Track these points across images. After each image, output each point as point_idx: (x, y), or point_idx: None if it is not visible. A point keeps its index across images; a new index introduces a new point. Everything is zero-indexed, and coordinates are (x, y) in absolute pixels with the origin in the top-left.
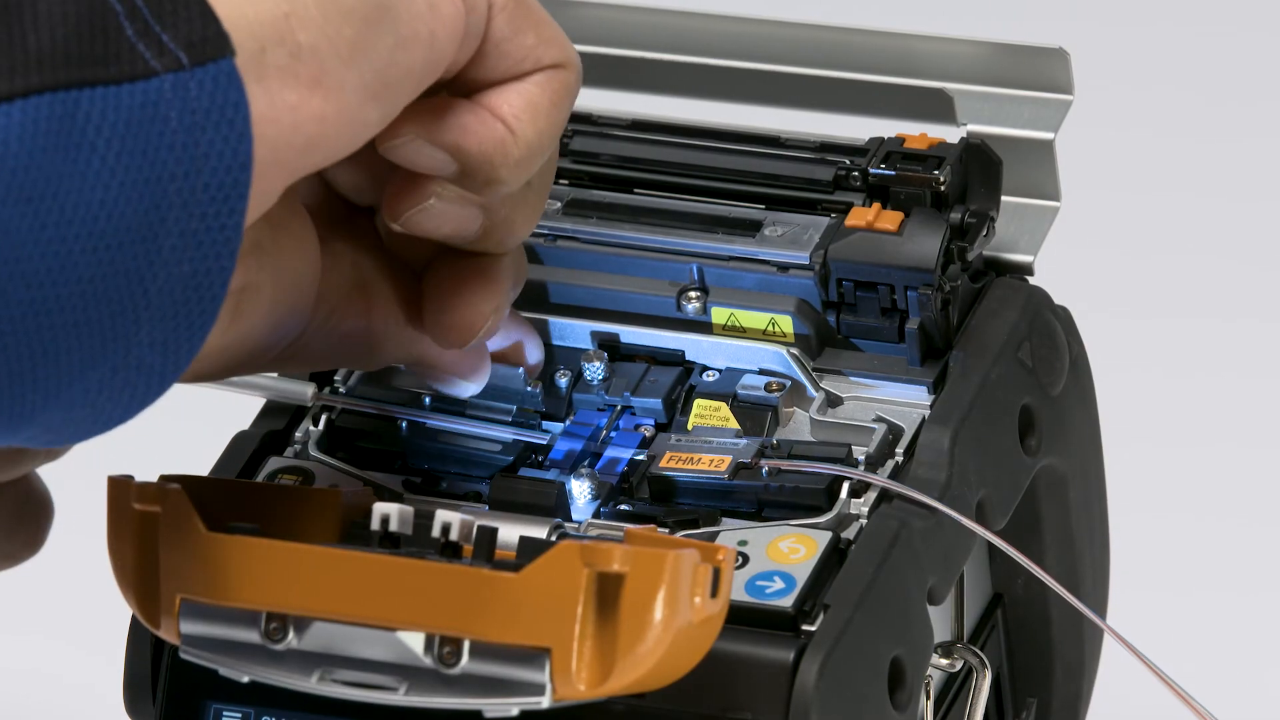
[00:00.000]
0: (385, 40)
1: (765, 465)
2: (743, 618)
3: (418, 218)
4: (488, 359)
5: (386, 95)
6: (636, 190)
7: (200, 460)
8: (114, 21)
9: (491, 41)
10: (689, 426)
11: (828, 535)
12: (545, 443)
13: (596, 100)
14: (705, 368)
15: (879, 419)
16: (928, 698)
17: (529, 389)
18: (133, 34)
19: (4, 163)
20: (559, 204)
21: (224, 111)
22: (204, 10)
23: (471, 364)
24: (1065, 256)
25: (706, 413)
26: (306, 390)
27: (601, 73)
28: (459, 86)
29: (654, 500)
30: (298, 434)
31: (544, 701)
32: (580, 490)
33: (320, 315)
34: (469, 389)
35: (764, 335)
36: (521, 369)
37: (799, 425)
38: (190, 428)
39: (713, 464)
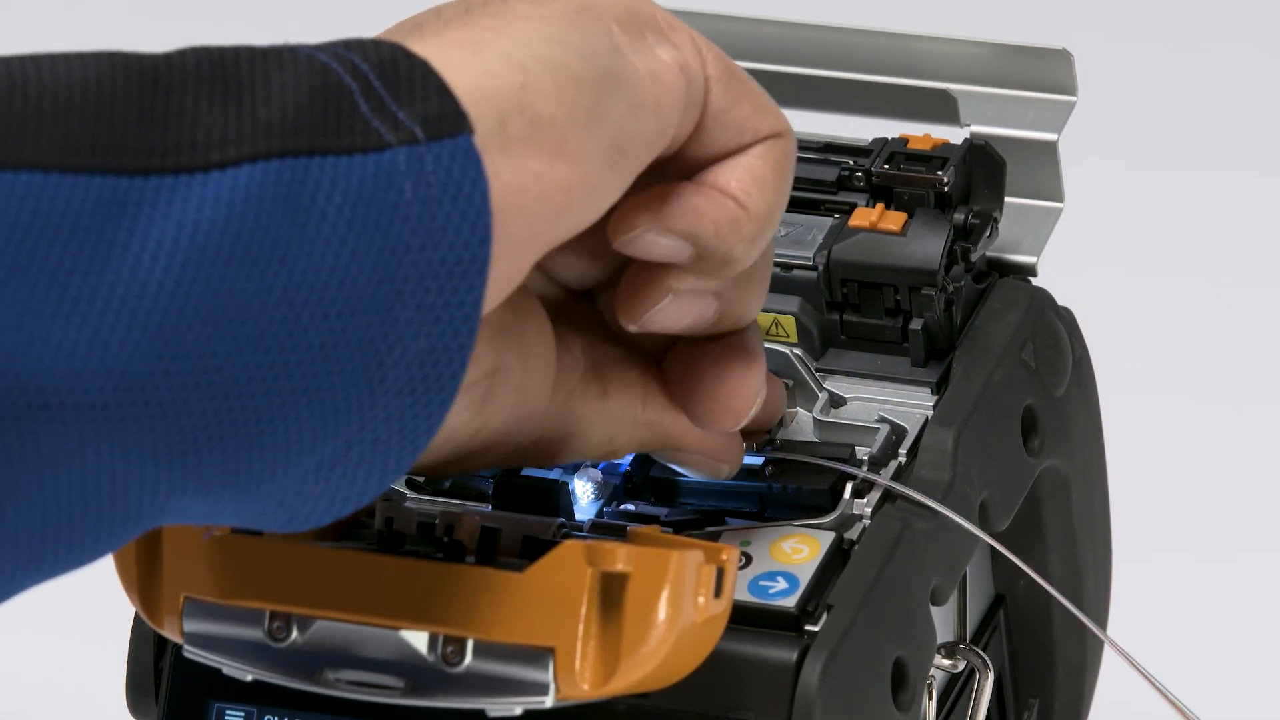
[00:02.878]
0: (618, 107)
1: (769, 465)
2: (746, 618)
3: (656, 317)
4: (739, 436)
5: (623, 163)
6: None
7: None
8: (349, 100)
9: (710, 113)
10: None
11: (831, 535)
12: None
13: None
14: None
15: (882, 419)
16: (930, 698)
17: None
18: (367, 111)
19: (229, 224)
20: None
21: (461, 186)
22: (441, 89)
23: (724, 441)
24: (1068, 258)
25: None
26: None
27: None
28: (682, 168)
29: (657, 500)
30: None
31: (547, 701)
32: (583, 490)
33: (559, 400)
34: (725, 470)
35: (767, 335)
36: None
37: (802, 425)
38: None
39: None
